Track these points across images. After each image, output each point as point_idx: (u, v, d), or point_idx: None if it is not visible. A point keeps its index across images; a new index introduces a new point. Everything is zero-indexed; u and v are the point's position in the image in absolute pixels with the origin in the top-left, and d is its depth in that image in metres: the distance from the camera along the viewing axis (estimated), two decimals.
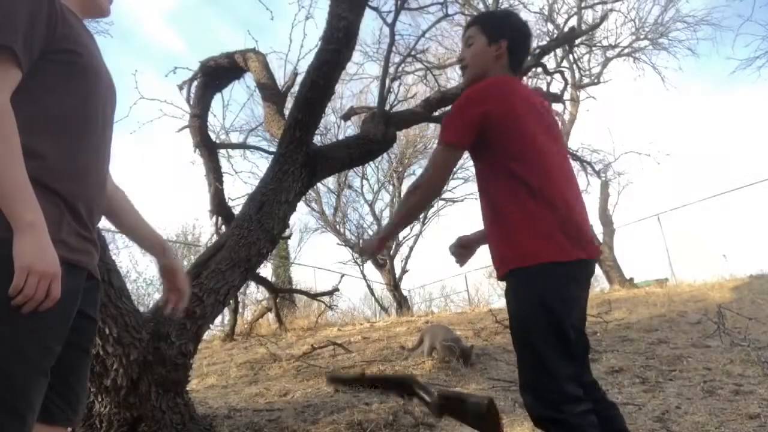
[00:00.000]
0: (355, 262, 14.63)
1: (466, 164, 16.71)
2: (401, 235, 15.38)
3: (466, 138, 1.48)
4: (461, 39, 1.70)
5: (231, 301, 5.56)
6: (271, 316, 7.51)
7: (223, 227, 4.85)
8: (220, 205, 4.76)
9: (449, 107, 4.80)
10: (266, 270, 11.32)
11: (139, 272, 9.77)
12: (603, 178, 13.12)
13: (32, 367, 0.92)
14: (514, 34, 1.63)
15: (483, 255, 1.72)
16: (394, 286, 13.18)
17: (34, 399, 0.92)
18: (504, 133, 1.45)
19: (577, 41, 9.20)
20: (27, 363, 0.91)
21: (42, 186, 0.93)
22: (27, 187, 0.90)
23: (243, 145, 5.89)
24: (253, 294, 9.09)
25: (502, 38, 1.59)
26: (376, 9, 4.29)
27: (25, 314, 0.90)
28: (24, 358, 0.91)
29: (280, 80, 4.90)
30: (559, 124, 1.52)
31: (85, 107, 1.05)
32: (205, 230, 12.39)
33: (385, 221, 15.63)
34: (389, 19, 4.26)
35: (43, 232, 0.90)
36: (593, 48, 11.93)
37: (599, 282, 12.93)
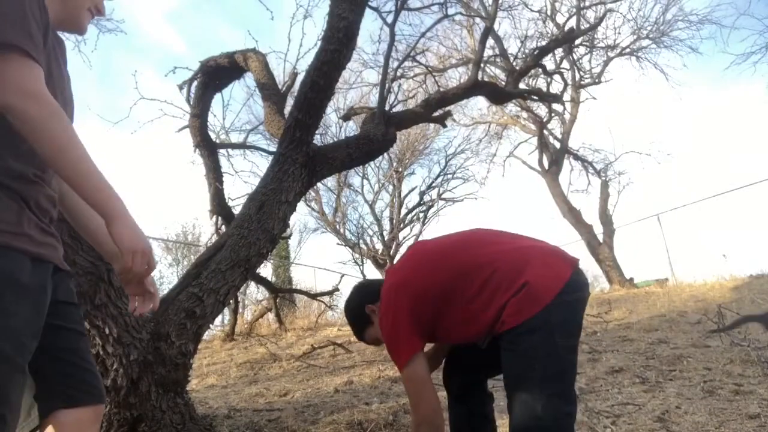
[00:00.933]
0: (355, 261, 14.63)
1: (466, 163, 16.75)
2: (401, 235, 15.38)
3: (418, 339, 1.56)
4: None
5: (231, 301, 5.56)
6: (271, 316, 7.51)
7: (223, 227, 4.86)
8: (220, 205, 4.77)
9: (449, 107, 4.82)
10: (266, 270, 11.34)
11: None
12: (603, 178, 13.13)
13: (7, 365, 0.91)
14: (364, 300, 1.77)
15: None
16: None
17: (12, 396, 0.92)
18: (426, 303, 1.54)
19: (577, 42, 9.21)
20: (1, 361, 0.90)
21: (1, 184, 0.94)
22: (105, 177, 0.96)
23: (243, 145, 5.89)
24: (253, 294, 9.11)
25: (367, 306, 1.74)
26: (376, 9, 4.29)
27: None
28: None
29: (280, 80, 4.90)
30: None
31: None
32: (205, 230, 12.42)
33: (385, 221, 15.62)
34: (389, 20, 4.26)
35: (130, 215, 0.98)
36: (594, 48, 11.93)
37: (599, 282, 12.94)
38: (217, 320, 5.76)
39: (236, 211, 4.27)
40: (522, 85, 6.96)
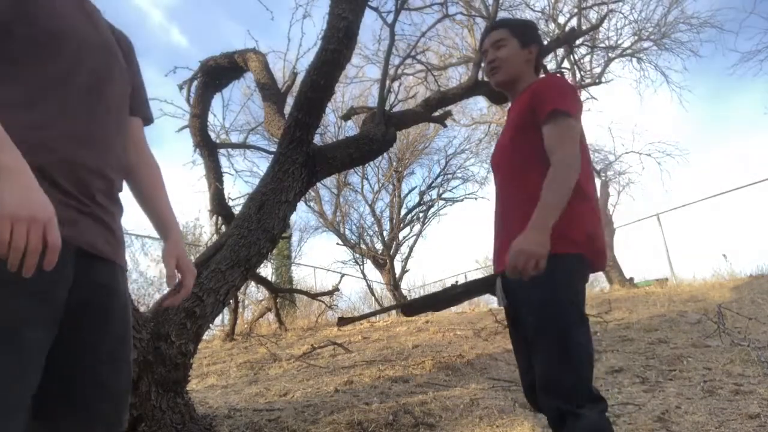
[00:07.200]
0: (355, 261, 14.63)
1: (466, 163, 16.75)
2: (401, 235, 15.36)
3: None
4: (484, 41, 1.66)
5: (231, 301, 5.56)
6: (271, 316, 7.51)
7: (223, 227, 4.86)
8: (220, 205, 4.76)
9: (449, 107, 4.82)
10: (267, 270, 11.33)
11: (140, 272, 9.79)
12: (603, 178, 13.13)
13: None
14: (541, 42, 1.65)
15: (482, 254, 1.73)
16: (394, 286, 13.18)
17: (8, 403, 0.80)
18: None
19: (578, 42, 9.19)
20: None
21: None
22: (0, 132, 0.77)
23: (243, 145, 5.90)
24: (253, 294, 9.09)
25: (533, 43, 1.61)
26: (376, 9, 4.29)
27: None
28: None
29: (280, 79, 4.90)
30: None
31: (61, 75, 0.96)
32: (206, 230, 12.38)
33: (385, 221, 15.61)
34: (389, 19, 4.27)
35: (24, 174, 0.76)
36: (595, 49, 11.92)
37: (599, 282, 12.91)
38: (217, 320, 5.76)
39: (236, 211, 4.28)
40: None
